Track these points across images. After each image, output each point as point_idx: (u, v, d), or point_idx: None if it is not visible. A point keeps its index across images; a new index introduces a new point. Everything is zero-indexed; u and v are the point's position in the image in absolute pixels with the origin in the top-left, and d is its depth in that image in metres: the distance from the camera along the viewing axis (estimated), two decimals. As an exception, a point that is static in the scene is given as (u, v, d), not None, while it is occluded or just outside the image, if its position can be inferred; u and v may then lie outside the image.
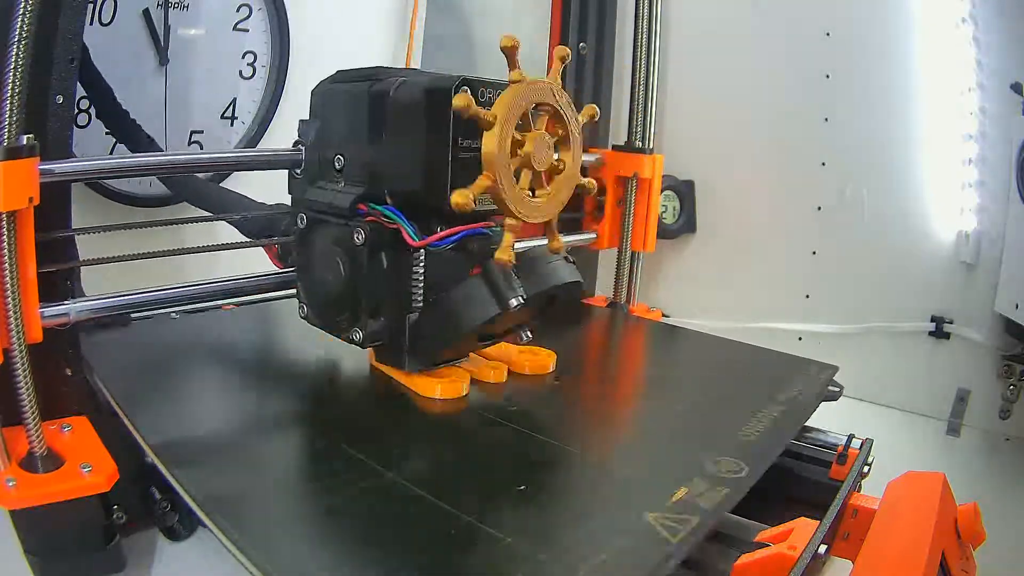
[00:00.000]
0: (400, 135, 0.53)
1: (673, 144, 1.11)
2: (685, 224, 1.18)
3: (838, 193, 1.06)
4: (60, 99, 0.51)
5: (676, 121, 1.14)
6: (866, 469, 0.60)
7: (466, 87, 0.49)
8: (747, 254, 1.16)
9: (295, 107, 0.97)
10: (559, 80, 0.50)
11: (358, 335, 0.55)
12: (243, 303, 0.74)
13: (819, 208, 1.09)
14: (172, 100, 0.85)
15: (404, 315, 0.56)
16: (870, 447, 0.61)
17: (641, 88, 0.93)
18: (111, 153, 0.79)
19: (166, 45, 0.83)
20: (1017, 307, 0.88)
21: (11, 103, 0.44)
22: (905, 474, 0.55)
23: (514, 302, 0.52)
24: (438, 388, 0.57)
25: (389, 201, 0.54)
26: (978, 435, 0.96)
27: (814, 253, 1.10)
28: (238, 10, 0.89)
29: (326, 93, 0.59)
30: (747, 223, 1.16)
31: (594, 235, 0.96)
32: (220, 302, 0.70)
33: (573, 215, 0.97)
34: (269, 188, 0.74)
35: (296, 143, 0.61)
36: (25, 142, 0.45)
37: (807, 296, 1.11)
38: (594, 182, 0.55)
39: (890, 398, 1.03)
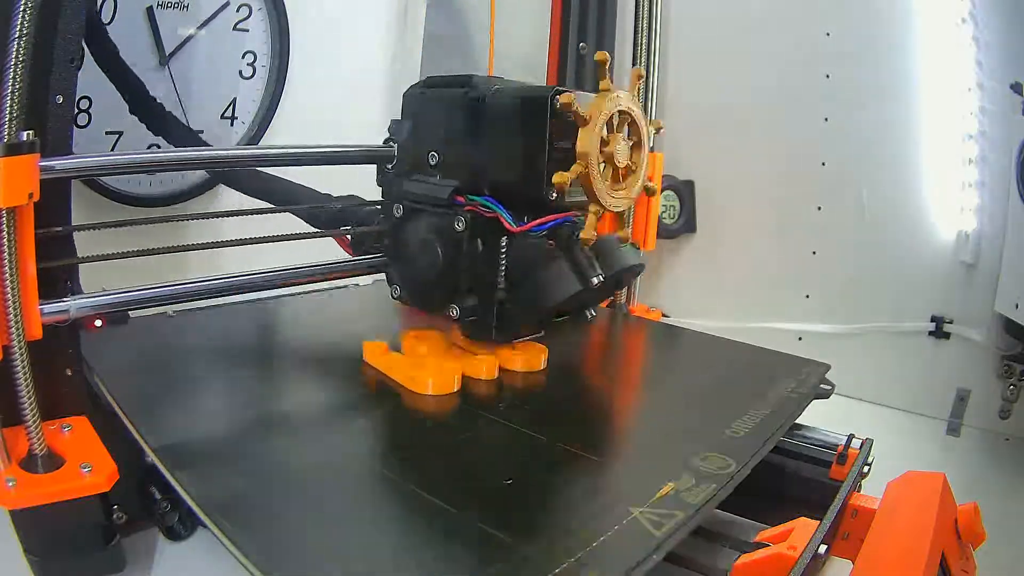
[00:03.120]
0: (498, 136, 0.59)
1: (673, 144, 1.11)
2: (685, 224, 1.18)
3: (850, 194, 1.06)
4: (60, 99, 0.51)
5: (676, 121, 1.13)
6: (866, 469, 0.60)
7: (559, 96, 0.54)
8: (747, 254, 1.16)
9: (295, 107, 0.97)
10: (637, 94, 0.58)
11: (455, 311, 0.62)
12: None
13: (819, 208, 1.09)
14: (172, 100, 0.85)
15: (493, 293, 0.61)
16: (870, 447, 0.61)
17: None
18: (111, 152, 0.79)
19: (176, 47, 0.83)
20: (1017, 307, 0.88)
21: (11, 100, 0.44)
22: (905, 474, 0.55)
23: (595, 280, 0.59)
24: (430, 383, 0.58)
25: (486, 193, 0.59)
26: (978, 435, 0.96)
27: (814, 253, 1.10)
28: (238, 10, 0.89)
29: (419, 97, 0.65)
30: (747, 223, 1.16)
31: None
32: (220, 299, 0.70)
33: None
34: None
35: (387, 140, 0.67)
36: (25, 138, 0.45)
37: (807, 296, 1.11)
38: (655, 187, 0.63)
39: (890, 398, 1.03)
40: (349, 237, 0.70)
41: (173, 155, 0.65)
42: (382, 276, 0.69)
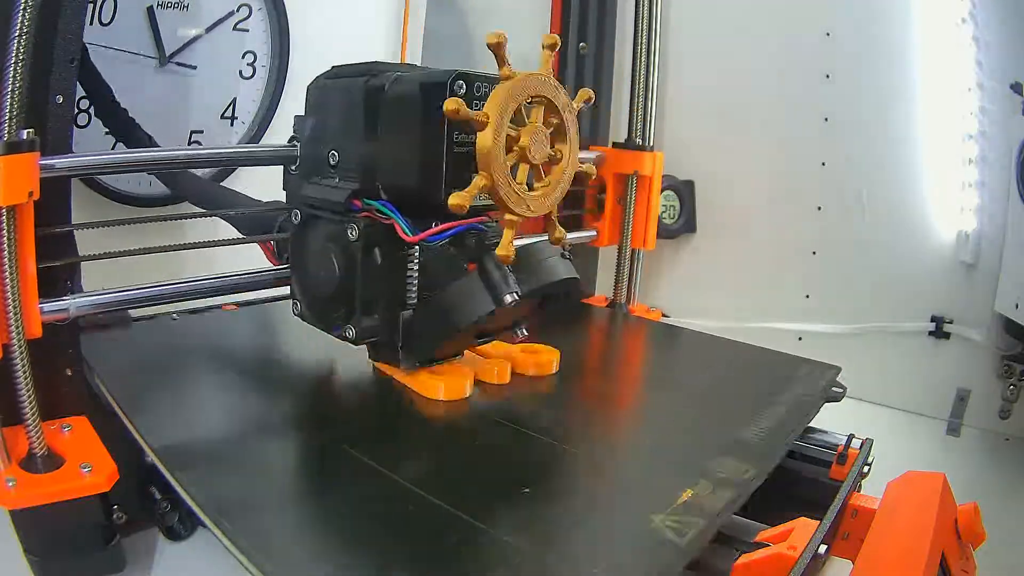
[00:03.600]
0: (395, 130, 0.52)
1: (673, 144, 1.11)
2: (685, 224, 1.18)
3: (850, 194, 1.06)
4: (60, 99, 0.51)
5: (676, 121, 1.14)
6: (866, 469, 0.60)
7: (462, 81, 0.48)
8: (747, 254, 1.16)
9: (295, 107, 0.96)
10: (550, 70, 0.49)
11: (351, 332, 0.54)
12: (244, 302, 0.74)
13: (819, 208, 1.09)
14: (172, 100, 0.85)
15: (398, 312, 0.55)
16: (870, 447, 0.61)
17: (641, 86, 0.93)
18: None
19: (177, 47, 0.83)
20: (1017, 307, 0.88)
21: (12, 98, 0.44)
22: (905, 474, 0.54)
23: (509, 298, 0.51)
24: (441, 388, 0.56)
25: (384, 197, 0.53)
26: (978, 435, 0.96)
27: (814, 253, 1.10)
28: (238, 10, 0.89)
29: (321, 88, 0.58)
30: (747, 223, 1.15)
31: (594, 233, 0.96)
32: (219, 299, 0.70)
33: (573, 212, 0.97)
34: (268, 187, 0.73)
35: (291, 139, 0.60)
36: (25, 137, 0.45)
37: (807, 296, 1.11)
38: (593, 168, 0.54)
39: (890, 398, 1.03)
40: (273, 245, 0.65)
41: (172, 155, 0.64)
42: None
